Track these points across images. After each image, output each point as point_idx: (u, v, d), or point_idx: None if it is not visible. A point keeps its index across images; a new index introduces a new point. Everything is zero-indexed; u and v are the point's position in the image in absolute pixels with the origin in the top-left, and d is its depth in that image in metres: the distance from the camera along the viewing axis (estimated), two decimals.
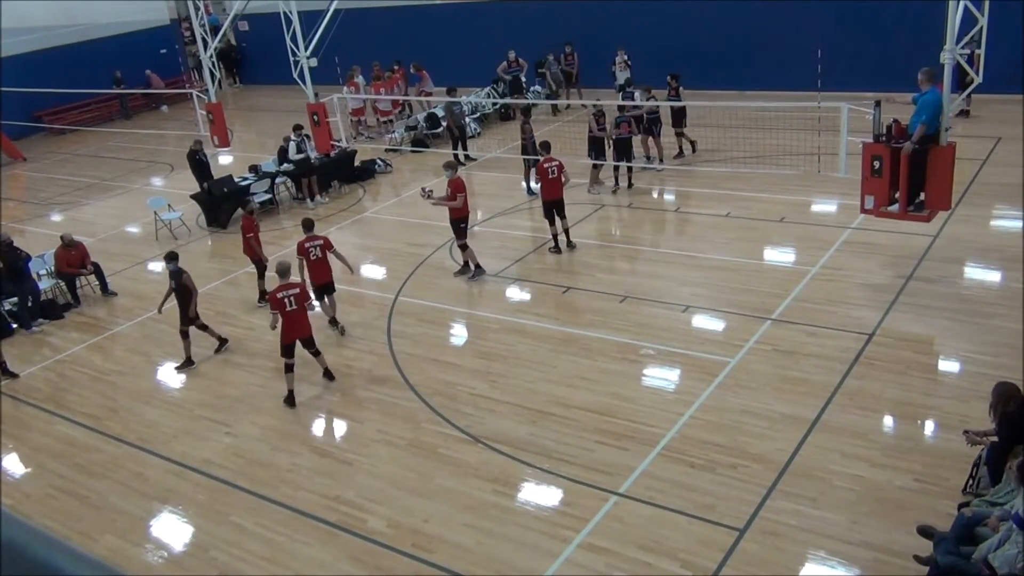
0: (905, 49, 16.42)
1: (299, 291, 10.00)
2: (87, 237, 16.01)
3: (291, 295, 9.87)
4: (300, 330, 10.09)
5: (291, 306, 9.87)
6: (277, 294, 9.87)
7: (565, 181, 13.29)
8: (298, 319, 9.99)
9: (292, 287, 9.97)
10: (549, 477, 8.27)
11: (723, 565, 6.88)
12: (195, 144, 17.00)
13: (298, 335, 10.10)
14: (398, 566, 7.38)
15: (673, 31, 21.99)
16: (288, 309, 9.86)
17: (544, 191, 13.27)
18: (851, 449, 8.09)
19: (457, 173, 12.82)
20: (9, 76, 24.25)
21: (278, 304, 9.85)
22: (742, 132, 15.91)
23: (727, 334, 10.58)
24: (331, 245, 11.64)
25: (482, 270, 13.04)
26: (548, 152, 13.49)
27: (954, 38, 10.15)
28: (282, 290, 9.88)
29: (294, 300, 9.88)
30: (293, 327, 10.00)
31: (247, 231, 12.76)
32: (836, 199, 14.34)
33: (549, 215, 13.40)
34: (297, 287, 10.05)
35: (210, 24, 20.23)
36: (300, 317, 10.01)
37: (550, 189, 13.20)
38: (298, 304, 9.92)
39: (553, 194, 13.24)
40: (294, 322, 9.98)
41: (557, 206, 13.32)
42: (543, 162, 13.24)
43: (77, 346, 12.53)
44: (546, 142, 14.04)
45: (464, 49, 25.08)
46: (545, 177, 13.14)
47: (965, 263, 11.73)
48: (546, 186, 13.19)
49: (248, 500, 8.56)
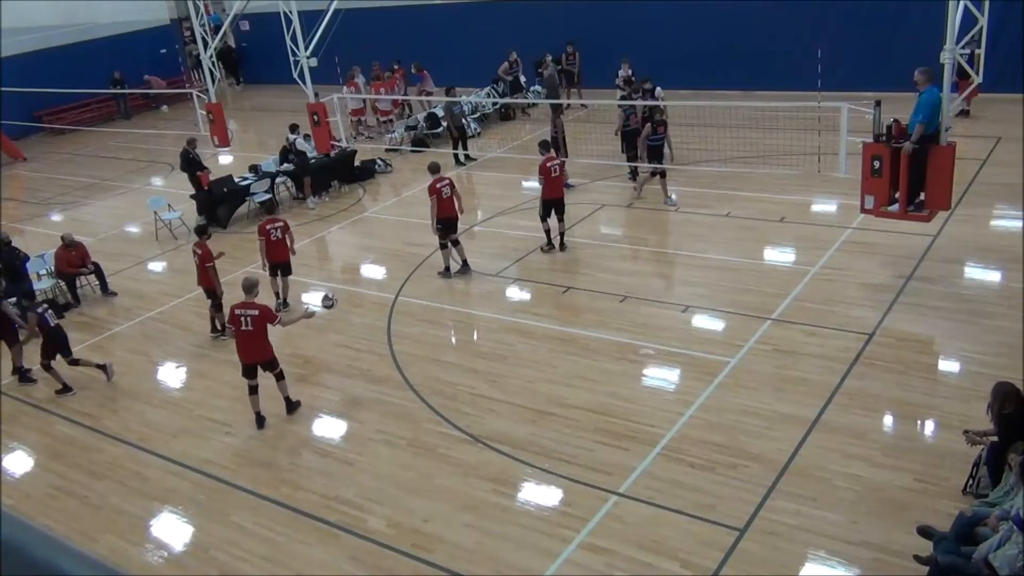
0: (905, 49, 16.42)
1: (257, 314, 9.34)
2: (87, 237, 16.01)
3: (248, 315, 9.32)
4: (258, 353, 9.55)
5: (246, 326, 9.33)
6: (235, 310, 9.42)
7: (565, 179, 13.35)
8: (254, 341, 9.45)
9: (251, 307, 9.37)
10: (549, 477, 8.27)
11: (723, 565, 6.88)
12: (188, 143, 16.97)
13: (257, 358, 9.57)
14: (398, 566, 7.38)
15: (673, 31, 21.99)
16: (243, 328, 9.36)
17: (546, 189, 13.29)
18: (851, 449, 8.09)
19: (437, 175, 12.87)
20: (9, 76, 24.25)
21: (234, 320, 9.41)
22: (742, 132, 15.92)
23: (727, 334, 10.58)
24: (288, 228, 12.30)
25: (449, 273, 13.16)
26: (548, 151, 13.51)
27: (954, 38, 10.15)
28: (241, 307, 9.39)
29: (251, 321, 9.31)
30: (248, 348, 9.51)
31: (206, 260, 11.66)
32: (836, 199, 14.34)
33: (547, 213, 13.43)
34: (256, 309, 9.38)
35: (213, 24, 20.25)
36: (256, 339, 9.44)
37: (552, 188, 13.23)
38: (255, 326, 9.33)
39: (554, 193, 13.27)
40: (249, 343, 9.47)
41: (557, 205, 13.34)
42: (545, 161, 13.26)
43: (77, 346, 12.48)
44: (546, 141, 14.06)
45: (464, 49, 25.08)
46: (548, 176, 13.17)
47: (965, 263, 11.73)
48: (548, 184, 13.21)
49: (248, 500, 8.56)
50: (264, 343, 9.56)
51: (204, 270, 11.73)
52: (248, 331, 9.37)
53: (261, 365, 9.67)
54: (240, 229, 16.84)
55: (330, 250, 15.81)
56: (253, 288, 9.58)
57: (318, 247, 15.74)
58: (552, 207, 13.36)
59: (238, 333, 9.50)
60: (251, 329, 9.36)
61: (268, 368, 9.71)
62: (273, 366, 9.72)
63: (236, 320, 9.42)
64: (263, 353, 9.60)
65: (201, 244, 11.76)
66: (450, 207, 12.84)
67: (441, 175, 12.91)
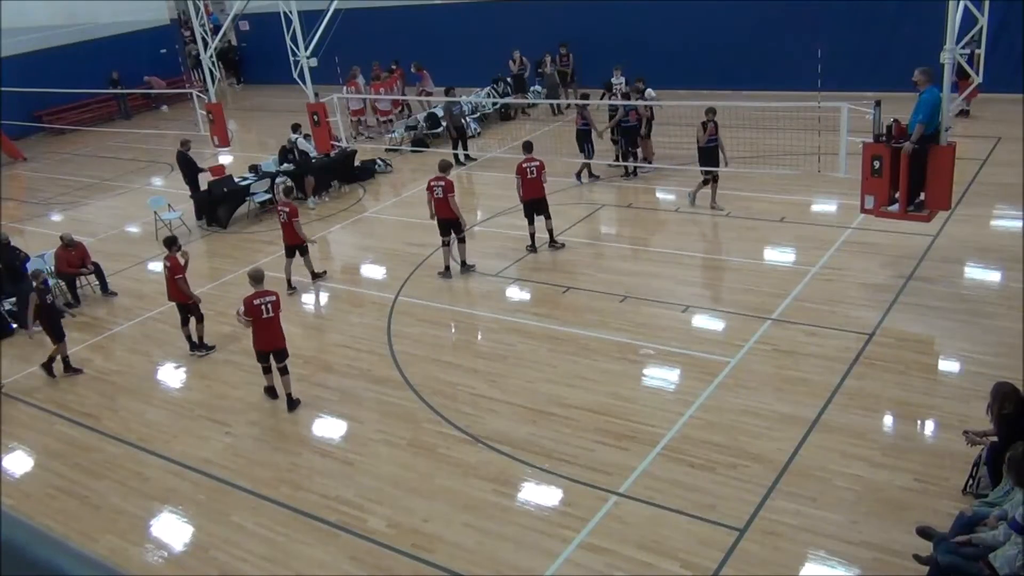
0: (905, 49, 16.42)
1: (275, 299, 9.78)
2: (87, 237, 16.01)
3: (268, 302, 9.67)
4: (274, 340, 9.91)
5: (267, 313, 9.67)
6: (254, 300, 9.66)
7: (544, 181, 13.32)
8: (272, 328, 9.81)
9: (268, 294, 9.76)
10: (549, 477, 8.27)
11: (723, 565, 6.88)
12: (182, 145, 16.93)
13: (272, 345, 9.93)
14: (398, 566, 7.38)
15: (673, 31, 22.00)
16: (264, 316, 9.67)
17: (524, 191, 13.27)
18: (851, 449, 8.09)
19: (437, 174, 12.91)
20: (9, 76, 24.25)
21: (255, 311, 9.64)
22: (742, 132, 15.90)
23: (727, 334, 10.58)
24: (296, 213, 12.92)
25: (448, 273, 13.18)
26: (530, 152, 13.46)
27: (954, 38, 10.14)
28: (258, 297, 9.69)
29: (271, 307, 9.68)
30: (267, 336, 9.83)
31: (175, 271, 11.39)
32: (836, 199, 14.34)
33: (529, 215, 13.43)
34: (273, 295, 9.82)
35: (213, 24, 20.23)
36: (276, 325, 9.83)
37: (529, 189, 13.21)
38: (274, 312, 9.71)
39: (533, 193, 13.26)
40: (268, 331, 9.79)
41: (537, 205, 13.33)
42: (523, 162, 13.25)
43: (77, 346, 12.52)
44: (528, 142, 14.01)
45: (464, 49, 25.08)
46: (524, 177, 13.15)
47: (965, 263, 11.73)
48: (526, 186, 13.20)
49: (248, 500, 8.56)
50: (280, 330, 9.95)
51: (174, 282, 11.44)
52: (269, 318, 9.72)
53: (275, 354, 9.99)
54: (240, 229, 16.84)
55: (330, 250, 15.81)
56: (261, 279, 9.94)
57: (318, 247, 15.72)
58: (532, 208, 13.34)
59: (258, 323, 9.74)
60: (272, 316, 9.73)
61: (281, 358, 10.01)
62: (286, 354, 10.05)
63: (257, 310, 9.66)
64: (281, 340, 9.97)
65: (171, 257, 11.54)
66: (443, 207, 12.80)
67: (441, 175, 12.88)
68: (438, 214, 12.93)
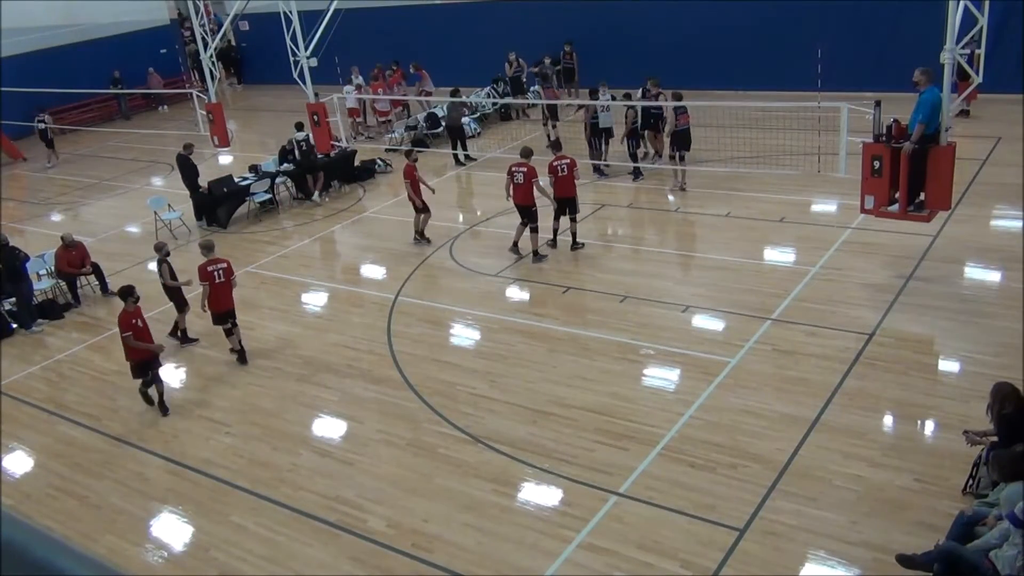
0: (905, 49, 16.41)
1: (226, 265, 11.08)
2: (87, 237, 16.01)
3: (219, 269, 10.97)
4: (228, 301, 11.15)
5: (219, 279, 10.94)
6: (207, 267, 10.87)
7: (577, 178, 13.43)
8: (225, 290, 11.08)
9: (220, 262, 11.04)
10: (549, 477, 8.27)
11: (723, 565, 6.87)
12: (184, 148, 16.90)
13: (224, 307, 11.12)
14: (398, 566, 7.38)
15: (673, 31, 22.00)
16: (217, 281, 10.92)
17: (556, 189, 13.25)
18: (851, 449, 8.08)
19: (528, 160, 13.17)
20: (9, 76, 24.25)
21: (208, 276, 10.84)
22: (742, 132, 15.90)
23: (727, 334, 10.58)
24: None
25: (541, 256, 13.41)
26: (559, 150, 13.51)
27: (954, 38, 10.14)
28: (211, 264, 10.93)
29: (222, 273, 10.97)
30: (220, 298, 11.05)
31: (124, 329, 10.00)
32: (836, 199, 14.34)
33: (560, 212, 13.43)
34: (224, 262, 11.11)
35: (218, 23, 20.22)
36: (227, 289, 11.09)
37: (561, 187, 13.22)
38: (225, 277, 11.00)
39: (564, 192, 13.26)
40: (222, 294, 11.04)
41: (567, 204, 13.33)
42: (553, 161, 13.28)
43: (77, 346, 12.53)
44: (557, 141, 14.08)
45: (464, 49, 25.08)
46: (556, 175, 13.16)
47: (965, 263, 11.73)
48: (557, 184, 13.20)
49: (248, 500, 8.55)
50: (231, 293, 11.22)
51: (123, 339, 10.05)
52: (221, 283, 11.00)
53: (228, 314, 11.19)
54: (240, 229, 16.84)
55: (330, 250, 15.81)
56: (213, 246, 11.23)
57: (319, 247, 15.73)
58: (564, 206, 13.36)
59: (212, 287, 10.92)
60: (223, 280, 11.02)
61: (231, 317, 11.21)
62: (234, 315, 11.26)
63: (210, 275, 10.89)
64: (231, 301, 11.21)
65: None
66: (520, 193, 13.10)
67: (524, 160, 13.14)
68: (515, 199, 13.09)
